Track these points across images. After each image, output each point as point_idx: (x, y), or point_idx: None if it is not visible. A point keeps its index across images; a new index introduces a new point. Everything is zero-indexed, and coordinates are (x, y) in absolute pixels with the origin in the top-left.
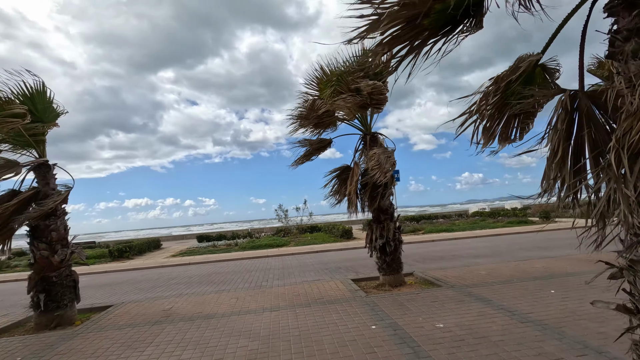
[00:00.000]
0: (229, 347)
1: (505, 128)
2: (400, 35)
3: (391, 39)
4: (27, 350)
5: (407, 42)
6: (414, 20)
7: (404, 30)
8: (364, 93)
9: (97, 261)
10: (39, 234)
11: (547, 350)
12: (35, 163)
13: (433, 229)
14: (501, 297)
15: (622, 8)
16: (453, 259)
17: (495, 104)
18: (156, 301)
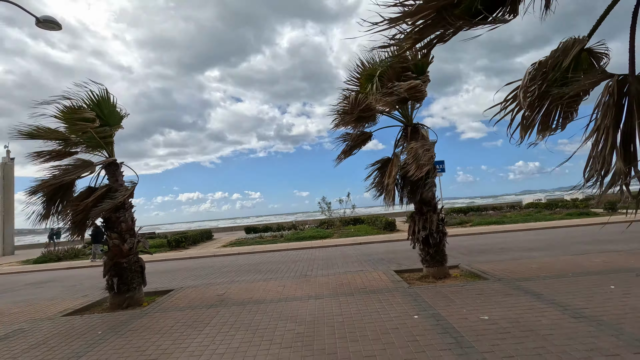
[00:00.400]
0: (277, 330)
1: (546, 117)
2: (431, 26)
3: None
4: (106, 326)
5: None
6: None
7: (434, 21)
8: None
9: (157, 250)
10: (111, 225)
11: (601, 346)
12: (106, 162)
13: (482, 222)
14: (553, 292)
15: None
16: (502, 252)
17: (535, 91)
18: (210, 287)
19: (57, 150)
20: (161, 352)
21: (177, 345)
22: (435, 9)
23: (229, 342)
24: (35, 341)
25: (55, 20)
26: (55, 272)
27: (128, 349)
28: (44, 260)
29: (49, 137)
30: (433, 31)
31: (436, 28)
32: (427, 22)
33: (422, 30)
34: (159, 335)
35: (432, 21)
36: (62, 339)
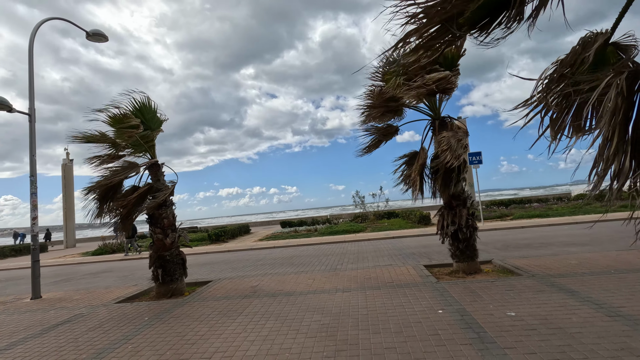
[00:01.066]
0: (304, 320)
1: (576, 117)
2: (437, 36)
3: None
4: (152, 313)
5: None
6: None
7: (439, 32)
8: (430, 83)
9: (199, 243)
10: (154, 220)
11: (633, 346)
12: (149, 163)
13: (524, 214)
14: (590, 289)
15: None
16: (541, 247)
17: (561, 91)
18: (245, 279)
19: (109, 154)
20: (199, 337)
21: (213, 331)
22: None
23: (259, 330)
24: (92, 325)
25: (102, 33)
26: (110, 263)
27: (170, 333)
28: (101, 252)
29: (101, 141)
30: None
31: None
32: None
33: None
34: (198, 322)
35: (437, 33)
36: (115, 324)
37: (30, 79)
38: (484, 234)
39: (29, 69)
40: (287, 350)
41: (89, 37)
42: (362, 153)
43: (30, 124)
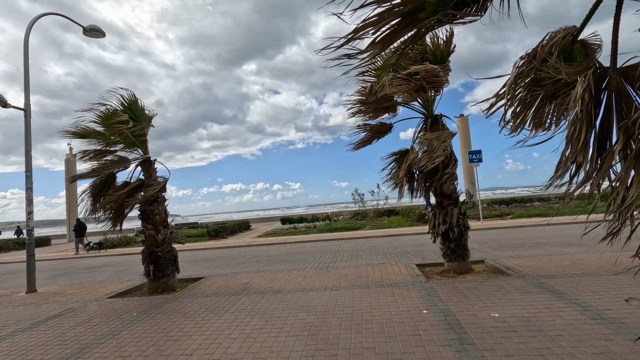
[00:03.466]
0: (289, 319)
1: (538, 112)
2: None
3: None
4: (141, 308)
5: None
6: (409, 15)
7: (399, 26)
8: (419, 77)
9: (197, 239)
10: (146, 216)
11: (612, 350)
12: (140, 159)
13: (523, 214)
14: (578, 291)
15: None
16: (536, 247)
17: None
18: (237, 276)
19: (99, 149)
20: (183, 334)
21: (198, 328)
22: (400, 15)
23: (243, 328)
24: (82, 319)
25: (99, 28)
26: (109, 257)
27: (155, 329)
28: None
29: (93, 137)
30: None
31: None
32: (392, 29)
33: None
34: (184, 319)
35: (398, 26)
36: (103, 319)
37: (26, 74)
38: (482, 232)
39: (24, 65)
40: (268, 348)
41: (86, 33)
42: (354, 148)
43: (26, 119)
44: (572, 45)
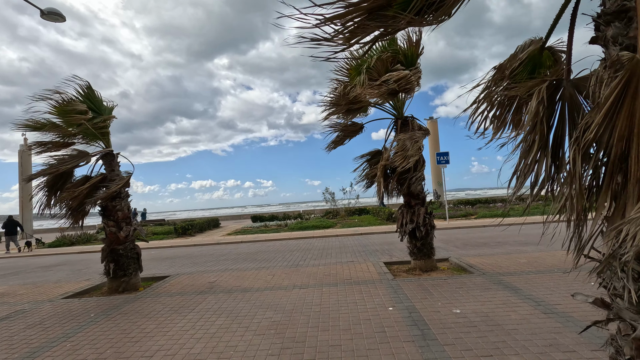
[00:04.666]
0: (255, 317)
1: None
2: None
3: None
4: (100, 309)
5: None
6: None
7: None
8: (391, 82)
9: (164, 237)
10: (108, 213)
11: (561, 342)
12: (102, 153)
13: (487, 214)
14: (532, 287)
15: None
16: (497, 245)
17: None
18: (204, 274)
19: (55, 142)
20: (144, 335)
21: (160, 328)
22: (366, 10)
23: (208, 327)
24: (32, 322)
25: (59, 12)
26: (67, 255)
27: (114, 330)
28: (58, 244)
29: (48, 129)
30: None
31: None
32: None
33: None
34: (146, 319)
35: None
36: (57, 320)
37: None
38: (448, 232)
39: None
40: (233, 348)
41: (43, 16)
42: (328, 149)
43: None
44: (541, 53)
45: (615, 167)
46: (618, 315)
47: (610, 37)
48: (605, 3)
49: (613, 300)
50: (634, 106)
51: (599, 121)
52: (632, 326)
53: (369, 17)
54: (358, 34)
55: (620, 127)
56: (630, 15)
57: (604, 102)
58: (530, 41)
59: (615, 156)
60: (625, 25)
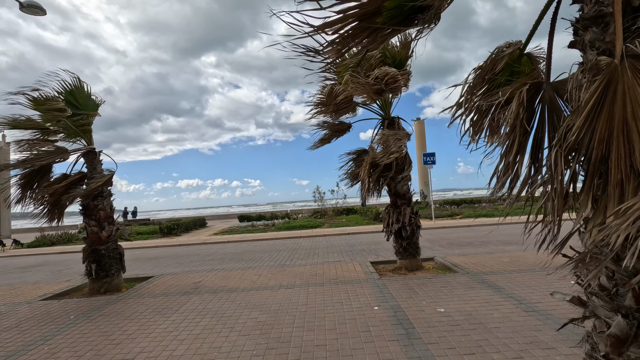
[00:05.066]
0: (241, 318)
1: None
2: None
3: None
4: (80, 311)
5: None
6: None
7: (356, 30)
8: (379, 80)
9: (149, 237)
10: (89, 212)
11: (541, 339)
12: (83, 150)
13: (472, 214)
14: (514, 286)
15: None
16: (481, 245)
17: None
18: (190, 274)
19: (35, 139)
20: (125, 336)
21: (143, 330)
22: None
23: (192, 328)
24: (8, 324)
25: (39, 5)
26: (46, 256)
27: (95, 333)
28: (38, 244)
29: (27, 126)
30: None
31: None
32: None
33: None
34: (128, 321)
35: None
36: (34, 323)
37: None
38: (434, 231)
39: None
40: (217, 349)
41: (23, 9)
42: (314, 147)
43: None
44: (519, 57)
45: (596, 169)
46: (594, 312)
47: (588, 42)
48: (584, 8)
49: (589, 299)
50: (612, 110)
51: (580, 124)
52: (607, 323)
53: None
54: (348, 42)
55: (600, 131)
56: (607, 21)
57: (584, 106)
58: (508, 44)
59: (596, 159)
60: (602, 30)
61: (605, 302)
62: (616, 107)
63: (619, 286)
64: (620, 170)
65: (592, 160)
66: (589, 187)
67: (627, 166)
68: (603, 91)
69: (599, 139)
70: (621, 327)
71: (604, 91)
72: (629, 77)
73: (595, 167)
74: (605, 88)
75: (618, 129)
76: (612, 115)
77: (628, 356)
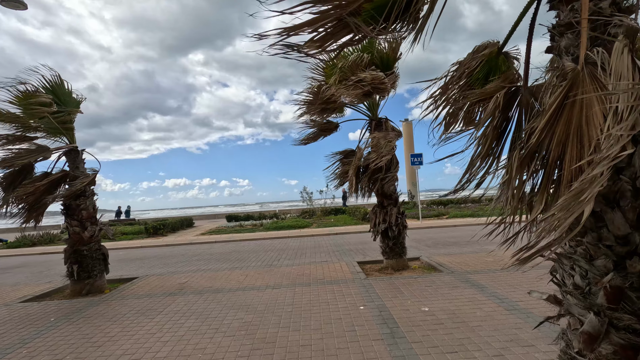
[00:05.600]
0: (226, 319)
1: (469, 113)
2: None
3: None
4: (61, 313)
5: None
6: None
7: (335, 29)
8: (365, 83)
9: (134, 237)
10: (71, 212)
11: (521, 337)
12: (66, 149)
13: (458, 214)
14: (497, 285)
15: (559, 1)
16: (466, 244)
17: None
18: (175, 275)
19: (14, 135)
20: (107, 339)
21: (125, 332)
22: (336, 17)
23: (176, 330)
24: None
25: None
26: (27, 257)
27: (76, 335)
28: (18, 245)
29: (7, 121)
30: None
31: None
32: (328, 31)
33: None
34: (110, 323)
35: (334, 29)
36: (13, 325)
37: None
38: (420, 231)
39: None
40: (201, 350)
41: (2, 3)
42: (300, 144)
43: None
44: (497, 56)
45: (552, 170)
46: (568, 311)
47: (563, 48)
48: (560, 15)
49: (564, 297)
50: (571, 114)
51: (542, 127)
52: (580, 321)
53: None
54: (328, 40)
55: (559, 133)
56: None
57: (548, 109)
58: (487, 43)
59: (553, 160)
60: (576, 37)
61: (578, 300)
62: (574, 112)
63: (591, 285)
64: (571, 170)
65: (549, 161)
66: (545, 187)
67: (577, 167)
68: (565, 96)
69: (557, 141)
70: (593, 324)
71: (566, 96)
72: (587, 84)
73: (552, 167)
74: (567, 93)
75: (574, 132)
76: (571, 119)
77: (599, 352)
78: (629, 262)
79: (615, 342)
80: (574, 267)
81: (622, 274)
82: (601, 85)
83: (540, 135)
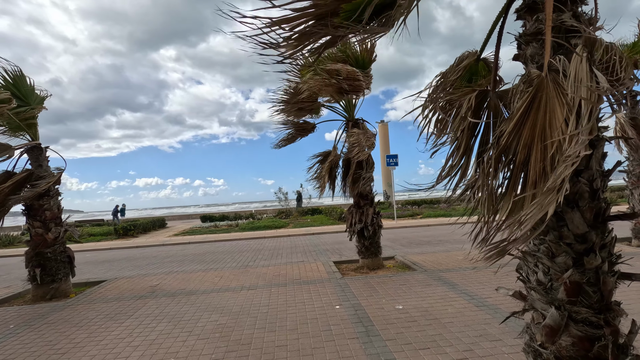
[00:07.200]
0: (200, 321)
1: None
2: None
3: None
4: (21, 319)
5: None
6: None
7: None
8: (340, 78)
9: (103, 238)
10: (33, 212)
11: (489, 332)
12: (28, 146)
13: (431, 214)
14: (467, 282)
15: (525, 12)
16: (439, 244)
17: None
18: (146, 277)
19: None
20: (73, 345)
21: (92, 338)
22: (315, 16)
23: (147, 334)
24: None
25: None
26: None
27: (38, 342)
28: None
29: None
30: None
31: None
32: (306, 30)
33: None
34: (76, 328)
35: (313, 28)
36: None
37: None
38: (395, 231)
39: None
40: (174, 354)
41: None
42: (278, 146)
43: None
44: (477, 63)
45: (519, 171)
46: (532, 305)
47: (529, 56)
48: (526, 25)
49: (529, 293)
50: (536, 118)
51: (510, 130)
52: (543, 315)
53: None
54: (305, 40)
55: (525, 136)
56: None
57: (516, 113)
58: (467, 53)
59: (520, 162)
60: (540, 45)
61: (541, 295)
62: (539, 116)
63: (553, 281)
64: (536, 171)
65: (517, 162)
66: (512, 187)
67: (541, 168)
68: (531, 101)
69: (524, 143)
70: (554, 318)
71: (532, 101)
72: (550, 89)
73: (519, 169)
74: (533, 98)
75: (538, 135)
76: (536, 123)
77: (560, 344)
78: (587, 259)
79: (574, 334)
80: (538, 264)
81: (580, 270)
82: (563, 91)
83: (509, 138)
